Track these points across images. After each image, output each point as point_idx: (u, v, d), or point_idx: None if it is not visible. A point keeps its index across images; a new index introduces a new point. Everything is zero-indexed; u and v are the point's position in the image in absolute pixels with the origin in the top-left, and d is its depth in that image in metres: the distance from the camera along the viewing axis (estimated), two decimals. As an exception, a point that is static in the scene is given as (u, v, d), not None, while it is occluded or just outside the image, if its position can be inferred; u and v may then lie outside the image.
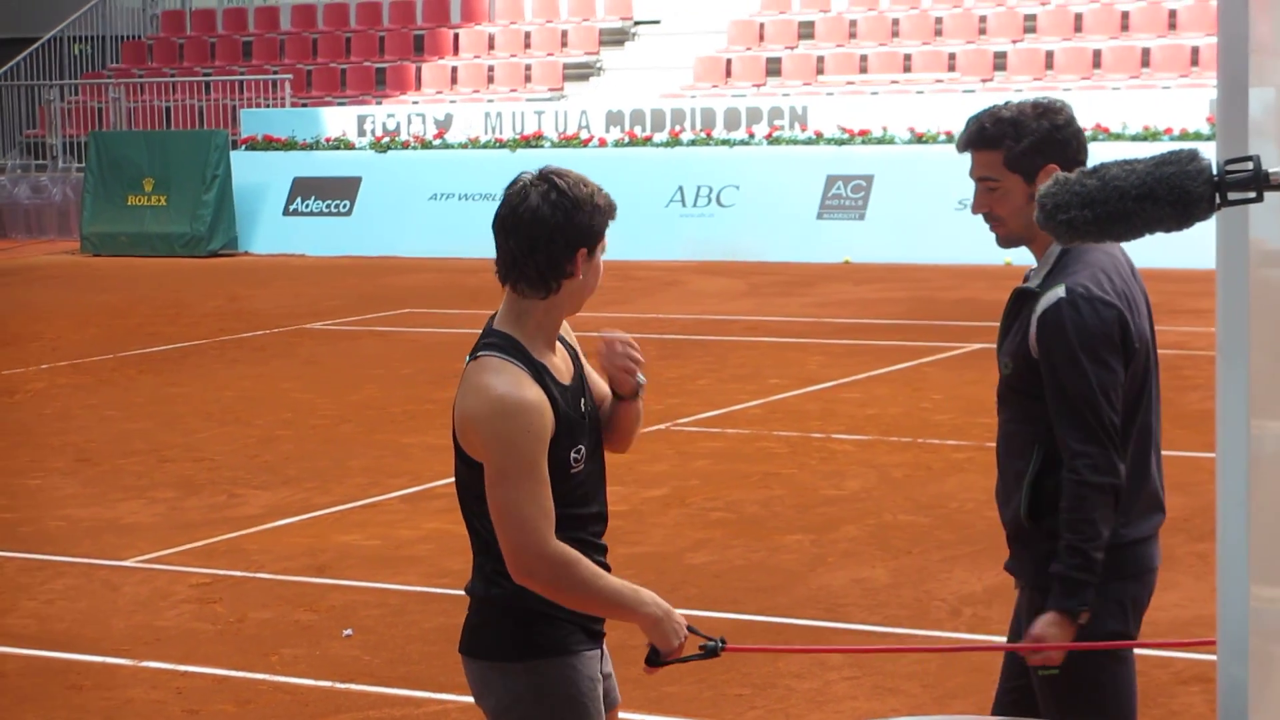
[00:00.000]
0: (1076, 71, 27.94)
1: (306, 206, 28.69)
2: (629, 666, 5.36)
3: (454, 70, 32.04)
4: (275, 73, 32.22)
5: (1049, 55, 28.39)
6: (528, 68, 31.64)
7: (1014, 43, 28.90)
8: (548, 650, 4.63)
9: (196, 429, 14.00)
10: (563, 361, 4.68)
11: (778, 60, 30.04)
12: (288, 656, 8.52)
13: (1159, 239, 3.10)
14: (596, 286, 4.67)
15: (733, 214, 26.05)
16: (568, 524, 4.56)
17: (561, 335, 4.74)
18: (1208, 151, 3.01)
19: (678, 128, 27.39)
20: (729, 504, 11.22)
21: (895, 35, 29.95)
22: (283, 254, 28.05)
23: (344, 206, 28.41)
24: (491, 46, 32.62)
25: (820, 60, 29.75)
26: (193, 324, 20.18)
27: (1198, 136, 23.85)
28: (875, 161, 25.60)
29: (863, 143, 26.05)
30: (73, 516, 11.37)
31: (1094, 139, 24.54)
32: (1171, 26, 28.51)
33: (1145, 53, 27.94)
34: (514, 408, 4.47)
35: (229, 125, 30.70)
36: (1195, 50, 27.44)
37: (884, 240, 24.61)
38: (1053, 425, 4.98)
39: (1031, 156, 4.98)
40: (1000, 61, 28.67)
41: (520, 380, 4.51)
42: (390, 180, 28.19)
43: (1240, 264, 3.06)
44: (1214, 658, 3.17)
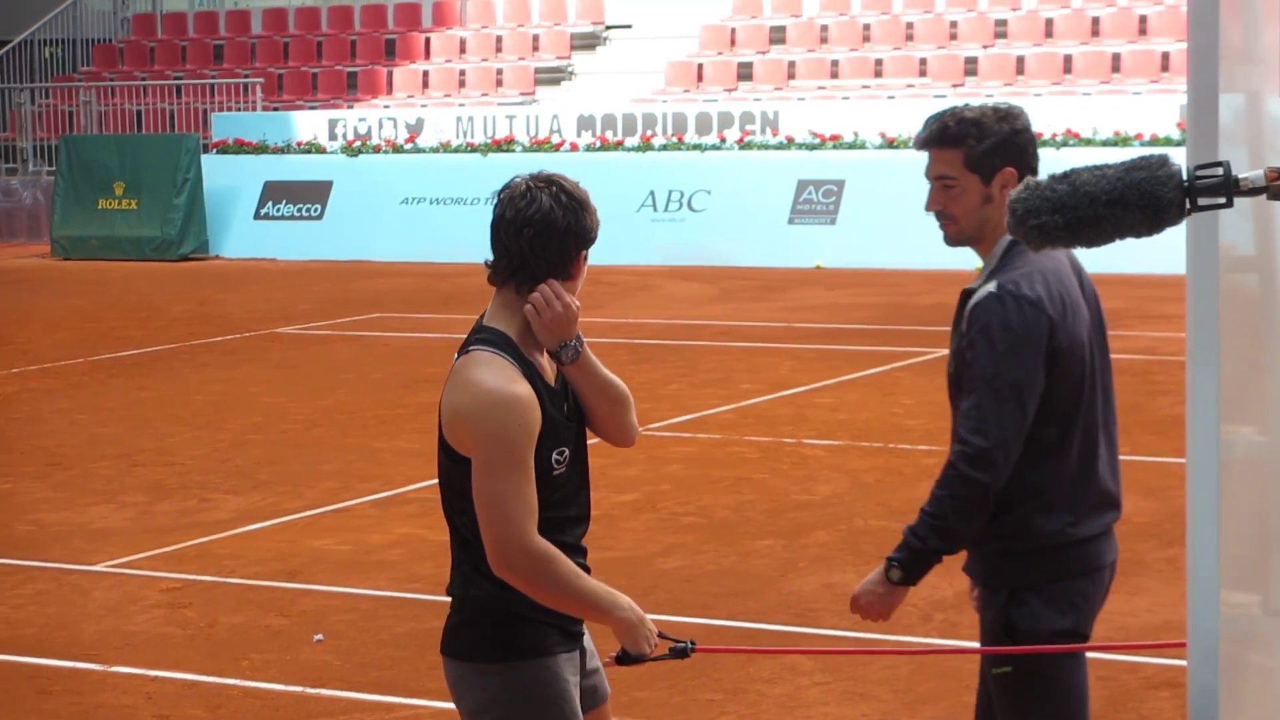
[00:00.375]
0: (1047, 77, 28.00)
1: (278, 210, 28.65)
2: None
3: (425, 74, 32.02)
4: (246, 76, 32.18)
5: (1020, 60, 28.44)
6: (499, 72, 31.63)
7: (985, 48, 28.95)
8: (525, 652, 4.65)
9: (167, 433, 13.97)
10: (549, 363, 4.70)
11: (749, 65, 30.06)
12: (258, 661, 8.50)
13: (1130, 244, 3.11)
14: (579, 288, 4.71)
15: (704, 219, 26.06)
16: (548, 527, 4.58)
17: None
18: (1178, 157, 3.03)
19: (649, 132, 27.40)
20: (700, 509, 11.22)
21: (866, 40, 29.99)
22: (254, 258, 28.01)
23: (315, 210, 28.37)
24: (463, 50, 32.60)
25: (791, 65, 29.78)
26: (163, 328, 20.13)
27: (1168, 142, 23.92)
28: (846, 166, 25.62)
29: (834, 148, 26.08)
30: (42, 521, 11.33)
31: (1065, 144, 24.62)
32: (1142, 32, 28.59)
33: (1116, 58, 28.01)
34: (505, 401, 4.50)
35: (200, 129, 30.65)
36: (1166, 56, 27.51)
37: (855, 245, 24.64)
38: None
39: (991, 158, 5.01)
40: (971, 67, 28.72)
41: (511, 375, 4.54)
42: (361, 184, 28.16)
43: (1210, 269, 3.06)
44: (1184, 663, 3.18)
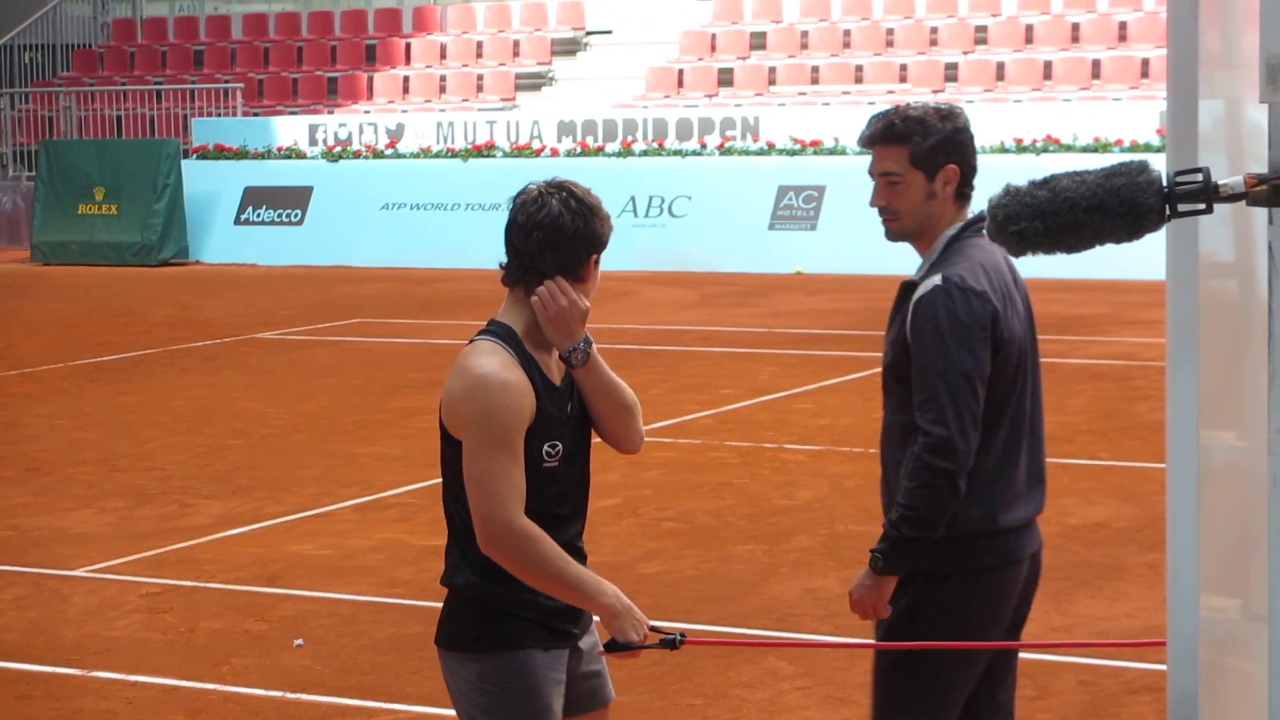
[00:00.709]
0: (1027, 83, 28.04)
1: (258, 216, 28.62)
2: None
3: (406, 80, 32.00)
4: (227, 82, 32.14)
5: (1000, 67, 28.48)
6: (480, 77, 31.62)
7: (965, 54, 28.98)
8: (500, 644, 4.74)
9: (147, 438, 13.95)
10: (557, 365, 4.82)
11: (730, 71, 30.07)
12: (238, 666, 8.49)
13: (1110, 250, 3.12)
14: (592, 292, 4.83)
15: (685, 224, 26.07)
16: (541, 523, 4.70)
17: None
18: (1158, 163, 3.04)
19: (630, 138, 27.41)
20: (681, 514, 11.23)
21: (847, 46, 30.02)
22: (234, 263, 27.98)
23: (295, 216, 28.34)
24: (443, 56, 32.59)
25: (772, 71, 29.80)
26: (144, 333, 20.11)
27: (1148, 148, 23.95)
28: (827, 172, 25.63)
29: (814, 153, 26.10)
30: (22, 526, 11.31)
31: (1045, 150, 24.66)
32: (1122, 38, 28.64)
33: (1096, 64, 28.06)
34: (496, 384, 4.64)
35: (180, 134, 30.60)
36: (1145, 62, 27.57)
37: (836, 251, 24.64)
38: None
39: (935, 155, 5.14)
40: (951, 73, 28.75)
41: (506, 362, 4.69)
42: (342, 190, 28.13)
43: (1190, 275, 3.08)
44: (1165, 667, 3.19)
